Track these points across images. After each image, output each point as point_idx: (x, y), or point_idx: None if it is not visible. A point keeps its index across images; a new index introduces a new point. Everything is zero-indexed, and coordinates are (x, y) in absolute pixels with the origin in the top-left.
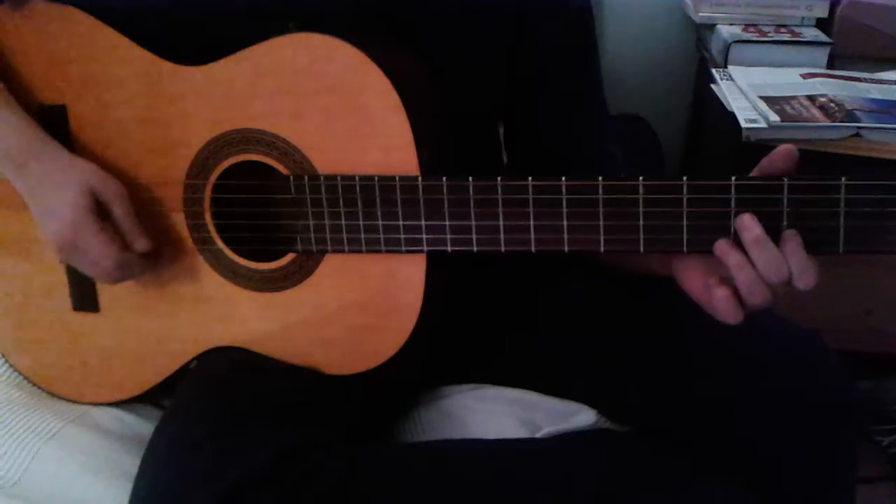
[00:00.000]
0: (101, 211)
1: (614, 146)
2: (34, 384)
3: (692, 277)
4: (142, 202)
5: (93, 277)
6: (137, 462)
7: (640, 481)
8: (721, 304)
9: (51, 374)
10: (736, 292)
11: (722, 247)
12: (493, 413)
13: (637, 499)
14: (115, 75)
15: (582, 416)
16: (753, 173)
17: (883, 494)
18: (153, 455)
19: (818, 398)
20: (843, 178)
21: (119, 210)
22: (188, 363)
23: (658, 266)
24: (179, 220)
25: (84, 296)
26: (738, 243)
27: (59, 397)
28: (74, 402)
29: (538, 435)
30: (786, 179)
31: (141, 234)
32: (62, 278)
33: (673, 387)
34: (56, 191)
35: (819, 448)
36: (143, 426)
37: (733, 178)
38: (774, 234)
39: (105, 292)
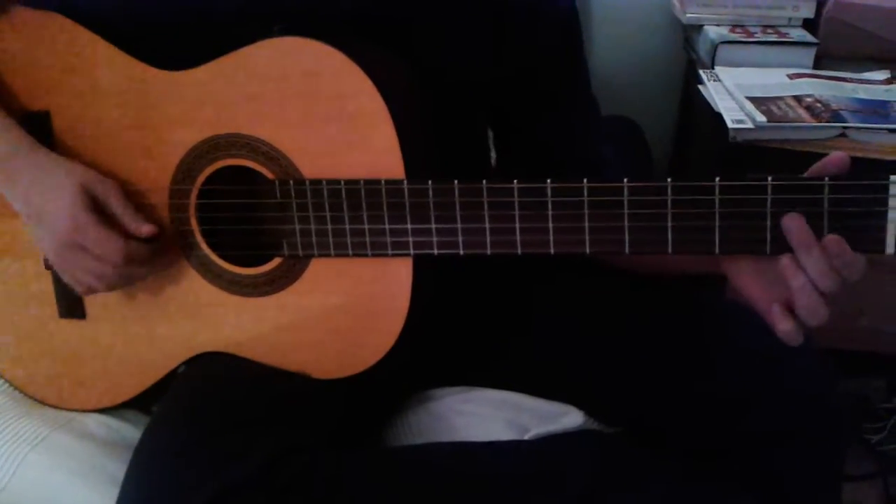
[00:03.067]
0: (97, 208)
1: (606, 148)
2: (21, 391)
3: (750, 287)
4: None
5: (93, 284)
6: (124, 468)
7: (628, 482)
8: (785, 336)
9: (38, 381)
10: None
11: (787, 266)
12: (482, 415)
13: (625, 500)
14: (100, 81)
15: (570, 418)
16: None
17: (871, 492)
18: (140, 461)
19: (805, 396)
20: (827, 178)
21: (115, 203)
22: (175, 369)
23: (704, 265)
24: (165, 225)
25: (71, 303)
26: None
27: (47, 404)
28: (62, 408)
29: (526, 437)
30: (770, 179)
31: (143, 220)
32: (48, 286)
33: (660, 387)
34: (50, 193)
35: (806, 446)
36: (130, 432)
37: (717, 179)
38: (759, 233)
39: (92, 299)
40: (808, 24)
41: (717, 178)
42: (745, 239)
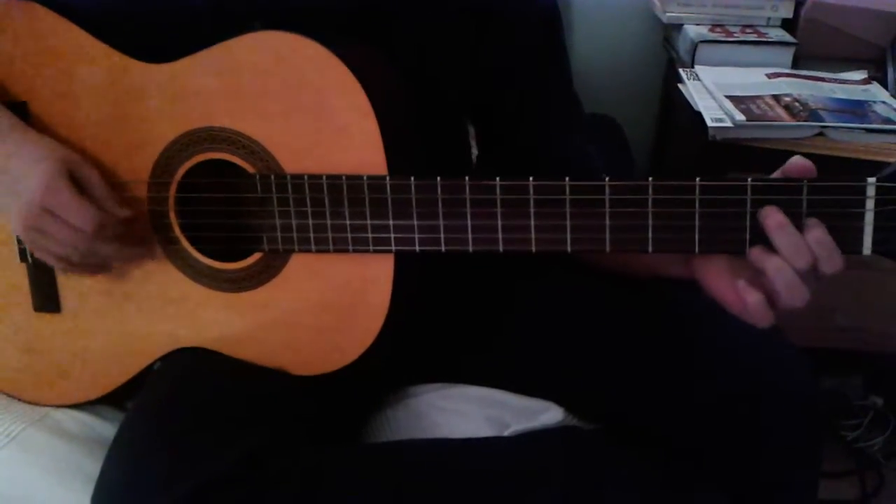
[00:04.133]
0: (74, 182)
1: (590, 146)
2: None
3: (718, 280)
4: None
5: (60, 253)
6: (99, 464)
7: (607, 479)
8: (754, 309)
9: (11, 376)
10: (767, 294)
11: (757, 254)
12: (461, 412)
13: (604, 497)
14: (78, 73)
15: (549, 414)
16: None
17: (847, 489)
18: (115, 457)
19: (784, 395)
20: (805, 181)
21: (95, 184)
22: (152, 364)
23: (677, 269)
24: (144, 219)
25: (46, 296)
26: (770, 249)
27: (20, 399)
28: (35, 404)
29: (506, 433)
30: (749, 180)
31: (120, 203)
32: (23, 279)
33: (639, 384)
34: (29, 162)
35: (784, 444)
36: (105, 428)
37: (698, 178)
38: (738, 233)
39: (67, 292)
40: (787, 24)
41: (698, 178)
42: (724, 238)
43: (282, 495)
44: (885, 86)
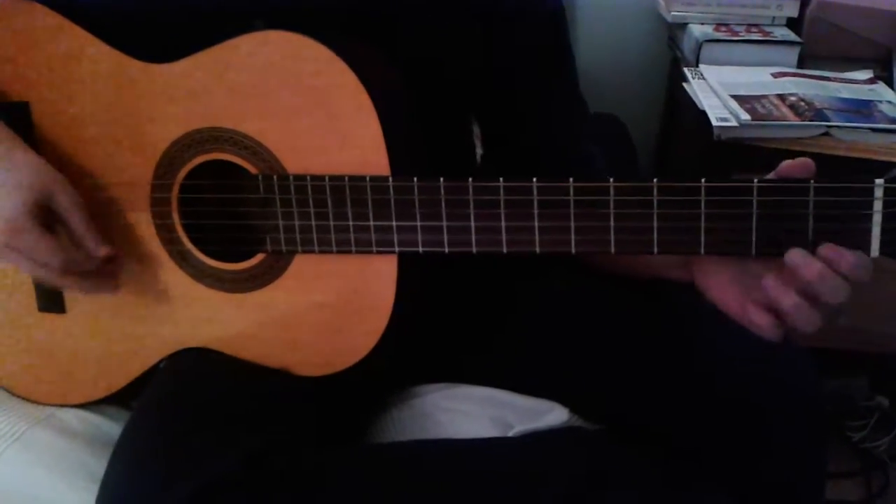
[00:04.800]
0: (47, 217)
1: (594, 146)
2: None
3: (721, 291)
4: (107, 202)
5: (36, 276)
6: (104, 464)
7: (611, 479)
8: (766, 332)
9: (16, 376)
10: (777, 316)
11: (773, 287)
12: (466, 412)
13: (608, 497)
14: (81, 73)
15: (554, 415)
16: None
17: (853, 489)
18: (121, 457)
19: (788, 395)
20: (812, 181)
21: (73, 218)
22: (156, 364)
23: (677, 273)
24: (146, 220)
25: (50, 297)
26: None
27: (25, 399)
28: (40, 403)
29: (510, 433)
30: (755, 181)
31: (100, 240)
32: (27, 279)
33: (644, 385)
34: (4, 188)
35: (789, 445)
36: (110, 428)
37: (703, 180)
38: (744, 235)
39: (71, 293)
40: (792, 24)
41: (703, 179)
42: (730, 240)
43: (285, 496)
44: (890, 85)
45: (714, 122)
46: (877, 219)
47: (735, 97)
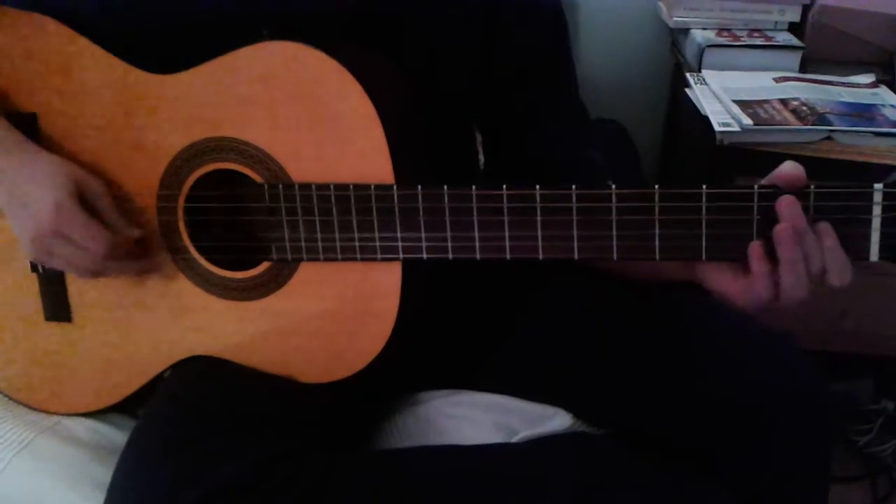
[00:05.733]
0: (83, 201)
1: (595, 152)
2: (6, 395)
3: (719, 274)
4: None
5: (73, 270)
6: (110, 472)
7: (615, 484)
8: (758, 285)
9: (23, 385)
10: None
11: (788, 248)
12: (470, 418)
13: (612, 501)
14: (87, 84)
15: (558, 420)
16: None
17: (859, 494)
18: (125, 465)
19: (792, 399)
20: (812, 186)
21: (104, 202)
22: (162, 373)
23: (678, 272)
24: (153, 229)
25: (57, 305)
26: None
27: (32, 408)
28: (47, 412)
29: (514, 439)
30: (756, 188)
31: (129, 223)
32: (34, 287)
33: (647, 389)
34: (38, 181)
35: (793, 448)
36: (116, 436)
37: (704, 186)
38: (745, 241)
39: (78, 302)
40: (794, 28)
41: (704, 186)
42: (731, 246)
43: (289, 502)
44: (893, 89)
45: (716, 127)
46: (876, 224)
47: (737, 102)
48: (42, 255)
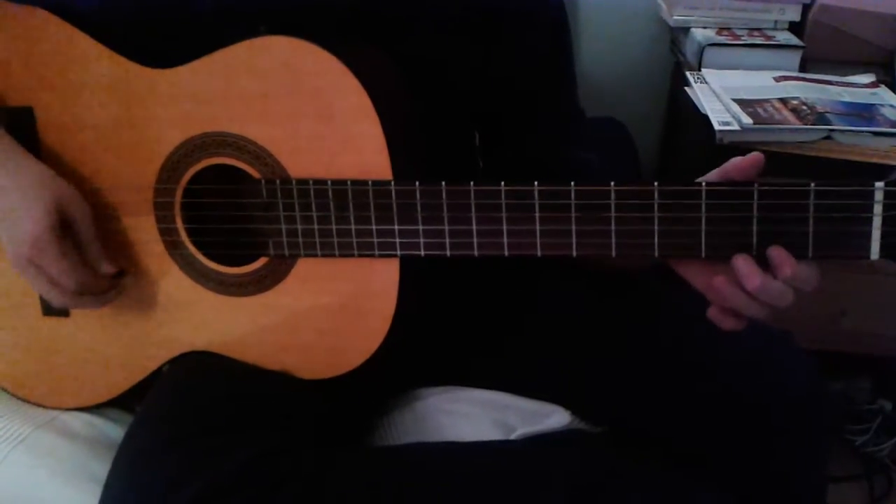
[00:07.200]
0: (64, 228)
1: (591, 153)
2: (2, 389)
3: (696, 274)
4: (111, 206)
5: (47, 298)
6: (107, 467)
7: (613, 482)
8: (723, 324)
9: (20, 379)
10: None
11: (744, 266)
12: (468, 415)
13: (610, 500)
14: (84, 78)
15: (556, 418)
16: (715, 173)
17: (855, 493)
18: (122, 461)
19: (790, 398)
20: (813, 184)
21: (84, 230)
22: (160, 368)
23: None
24: (150, 224)
25: None
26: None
27: (29, 402)
28: (44, 406)
29: (512, 436)
30: (756, 185)
31: (104, 257)
32: None
33: (645, 388)
34: (23, 202)
35: (791, 447)
36: (113, 431)
37: (704, 183)
38: (744, 238)
39: None
40: (794, 28)
41: (704, 183)
42: (730, 243)
43: (286, 499)
44: (892, 89)
45: (716, 126)
46: (877, 222)
47: (737, 101)
48: (22, 275)
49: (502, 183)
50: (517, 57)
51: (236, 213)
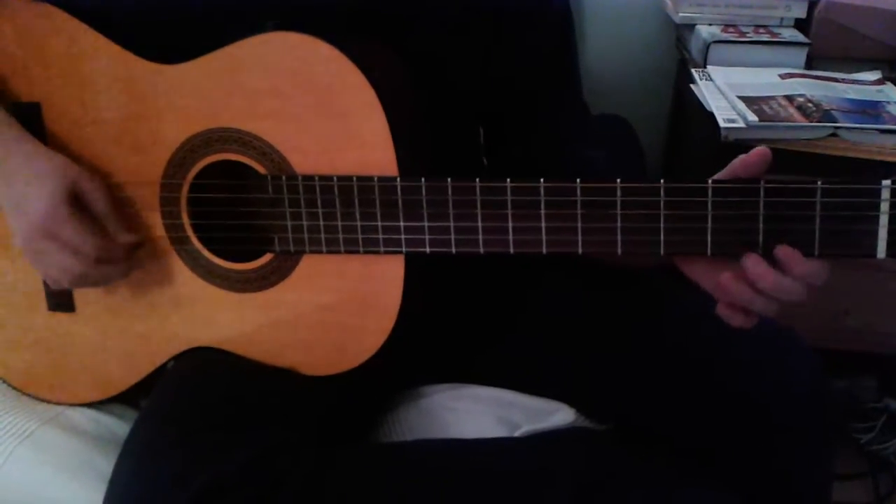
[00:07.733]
0: (78, 205)
1: (595, 151)
2: (9, 385)
3: (700, 272)
4: (117, 202)
5: (58, 277)
6: (112, 463)
7: (617, 480)
8: (731, 320)
9: (26, 375)
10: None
11: (741, 292)
12: (472, 412)
13: (614, 497)
14: (92, 74)
15: (560, 415)
16: (724, 172)
17: (860, 492)
18: (127, 457)
19: (795, 396)
20: (819, 182)
21: (100, 203)
22: (165, 364)
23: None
24: (156, 219)
25: (60, 296)
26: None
27: (35, 398)
28: (50, 402)
29: (517, 434)
30: (762, 183)
31: (123, 227)
32: (38, 279)
33: (650, 385)
34: (34, 180)
35: (796, 445)
36: (118, 427)
37: (710, 181)
38: (751, 235)
39: (81, 293)
40: (800, 25)
41: (710, 180)
42: (737, 241)
43: (291, 494)
44: None
45: (721, 124)
46: (883, 220)
47: (742, 98)
48: (34, 257)
49: (508, 180)
50: (519, 56)
51: (242, 208)
